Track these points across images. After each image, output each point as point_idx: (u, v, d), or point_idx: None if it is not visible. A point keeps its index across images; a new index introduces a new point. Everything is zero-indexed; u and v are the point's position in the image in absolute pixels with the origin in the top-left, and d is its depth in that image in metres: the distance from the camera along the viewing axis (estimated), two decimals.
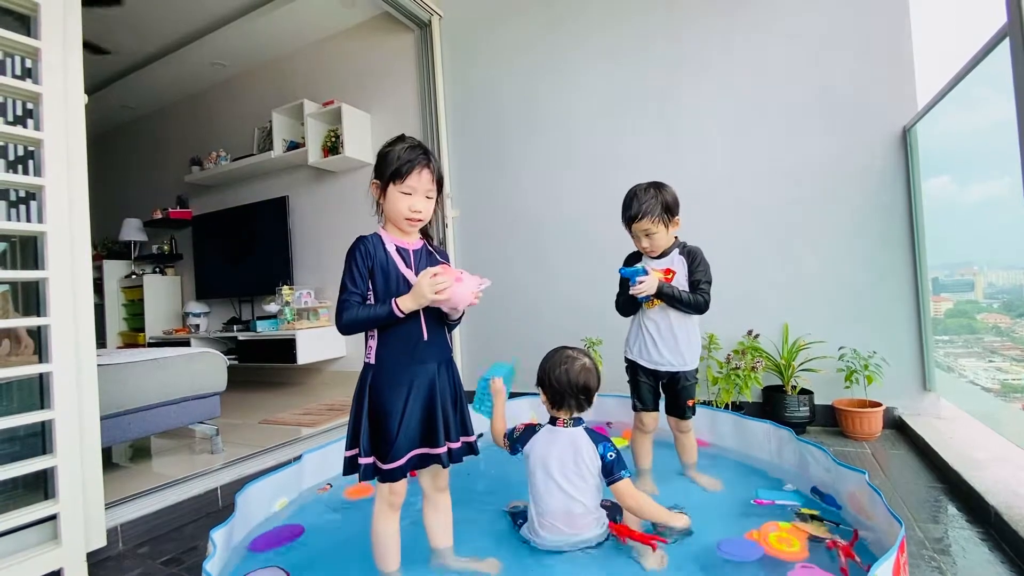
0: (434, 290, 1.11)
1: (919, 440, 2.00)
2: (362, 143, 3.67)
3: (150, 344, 4.44)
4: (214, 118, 4.68)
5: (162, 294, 4.71)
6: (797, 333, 2.43)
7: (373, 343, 1.21)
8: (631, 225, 1.67)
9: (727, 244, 2.55)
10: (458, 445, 1.22)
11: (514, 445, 1.48)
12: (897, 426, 2.26)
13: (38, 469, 1.33)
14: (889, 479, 1.75)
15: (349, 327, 1.17)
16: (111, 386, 1.86)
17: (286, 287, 3.76)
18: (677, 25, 2.71)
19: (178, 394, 2.17)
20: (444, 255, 1.31)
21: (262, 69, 4.36)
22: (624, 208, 1.67)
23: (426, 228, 1.29)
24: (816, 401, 2.33)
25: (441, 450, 1.18)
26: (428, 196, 1.22)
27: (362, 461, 1.16)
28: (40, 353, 1.38)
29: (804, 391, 2.33)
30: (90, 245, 1.45)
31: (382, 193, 1.22)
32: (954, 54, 1.78)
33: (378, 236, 1.23)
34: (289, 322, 3.68)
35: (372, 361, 1.21)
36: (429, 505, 1.30)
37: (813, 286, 2.44)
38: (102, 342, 4.61)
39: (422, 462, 1.20)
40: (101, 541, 1.44)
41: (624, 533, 1.34)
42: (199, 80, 4.56)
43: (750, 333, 2.46)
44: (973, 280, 2.19)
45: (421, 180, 1.20)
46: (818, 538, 1.29)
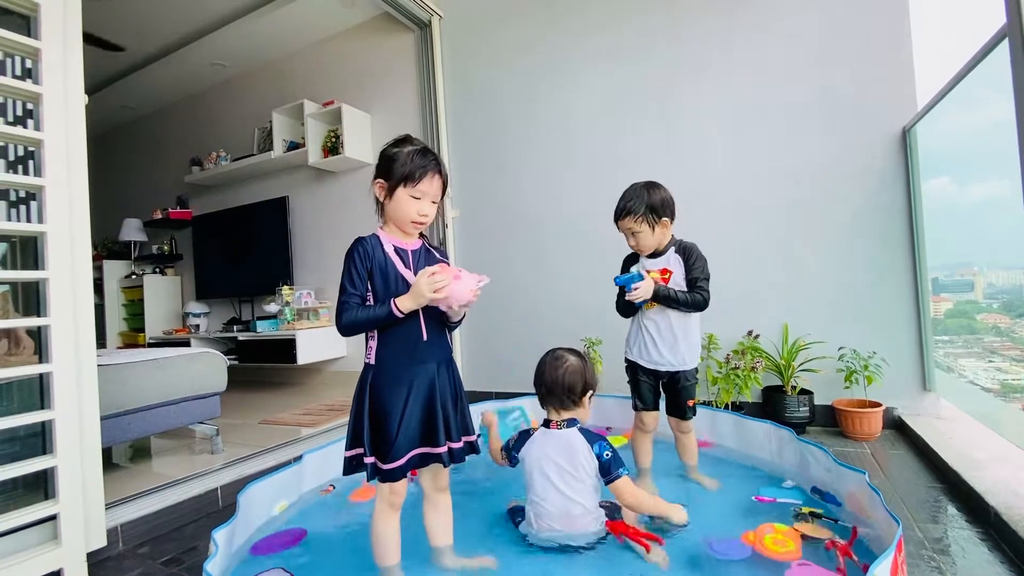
0: (432, 289, 1.11)
1: (919, 440, 2.00)
2: (362, 143, 3.68)
3: (150, 344, 4.44)
4: (214, 118, 4.68)
5: (162, 294, 4.71)
6: (797, 333, 2.43)
7: (373, 343, 1.21)
8: (616, 223, 1.69)
9: (727, 244, 2.55)
10: (459, 445, 1.22)
11: (511, 455, 1.48)
12: (897, 426, 2.26)
13: (38, 469, 1.33)
14: (889, 479, 1.75)
15: (349, 328, 1.17)
16: (111, 386, 1.86)
17: (286, 287, 3.76)
18: (677, 25, 2.71)
19: (178, 394, 2.17)
20: (443, 254, 1.31)
21: (262, 69, 4.36)
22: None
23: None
24: (816, 401, 2.33)
25: (441, 449, 1.18)
26: (434, 201, 1.23)
27: (367, 460, 1.17)
28: (40, 353, 1.38)
29: (804, 391, 2.33)
30: (90, 245, 1.45)
31: (388, 194, 1.22)
32: (954, 54, 1.78)
33: (376, 237, 1.23)
34: (289, 322, 3.68)
35: (372, 361, 1.21)
36: (429, 505, 1.30)
37: (813, 286, 2.44)
38: (102, 342, 4.61)
39: (423, 461, 1.20)
40: (101, 541, 1.44)
41: (621, 531, 1.34)
42: (199, 80, 4.56)
43: (750, 333, 2.46)
44: (973, 280, 2.19)
45: (432, 185, 1.21)
46: (815, 538, 1.29)
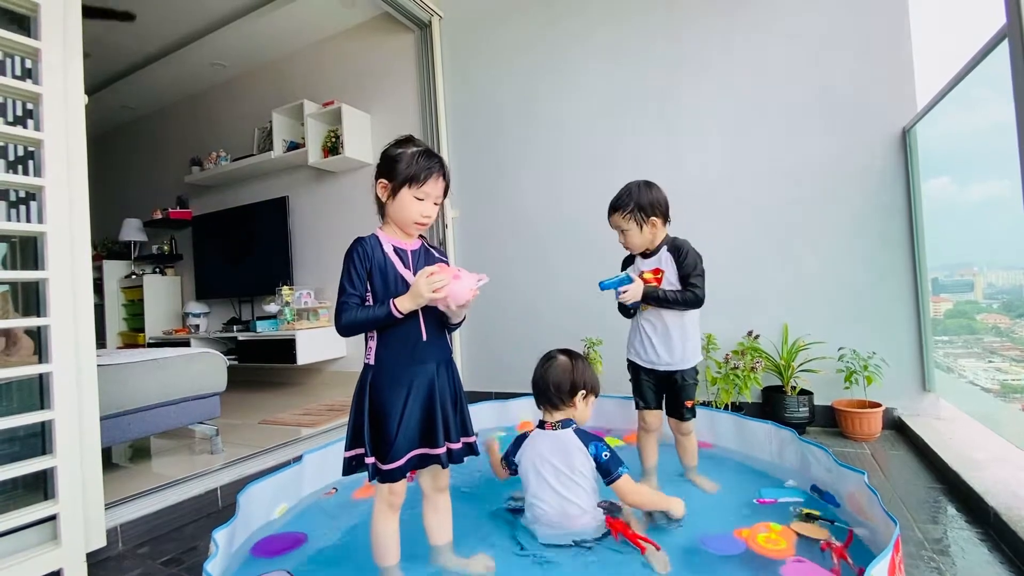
0: (431, 288, 1.11)
1: (919, 441, 2.00)
2: (362, 143, 3.68)
3: (150, 344, 4.44)
4: (214, 118, 4.68)
5: (162, 294, 4.71)
6: (797, 333, 2.43)
7: (373, 344, 1.21)
8: (608, 219, 1.71)
9: (727, 244, 2.55)
10: (458, 446, 1.22)
11: (509, 461, 1.49)
12: (897, 427, 2.26)
13: (38, 469, 1.33)
14: (888, 480, 1.75)
15: (348, 329, 1.17)
16: (111, 386, 1.86)
17: (286, 287, 3.76)
18: (677, 25, 2.71)
19: (178, 394, 2.17)
20: (442, 254, 1.31)
21: (262, 69, 4.36)
22: None
23: None
24: (816, 402, 2.33)
25: (440, 450, 1.18)
26: (436, 202, 1.24)
27: (367, 461, 1.17)
28: (40, 353, 1.38)
29: (804, 392, 2.33)
30: (90, 245, 1.45)
31: (391, 195, 1.22)
32: (954, 55, 1.78)
33: (376, 237, 1.23)
34: (289, 322, 3.68)
35: (371, 362, 1.21)
36: (429, 505, 1.30)
37: (813, 286, 2.44)
38: (102, 342, 4.62)
39: (422, 462, 1.20)
40: (101, 541, 1.44)
41: (620, 531, 1.34)
42: (199, 80, 4.56)
43: (750, 334, 2.46)
44: (973, 280, 2.19)
45: (436, 187, 1.22)
46: (811, 538, 1.29)
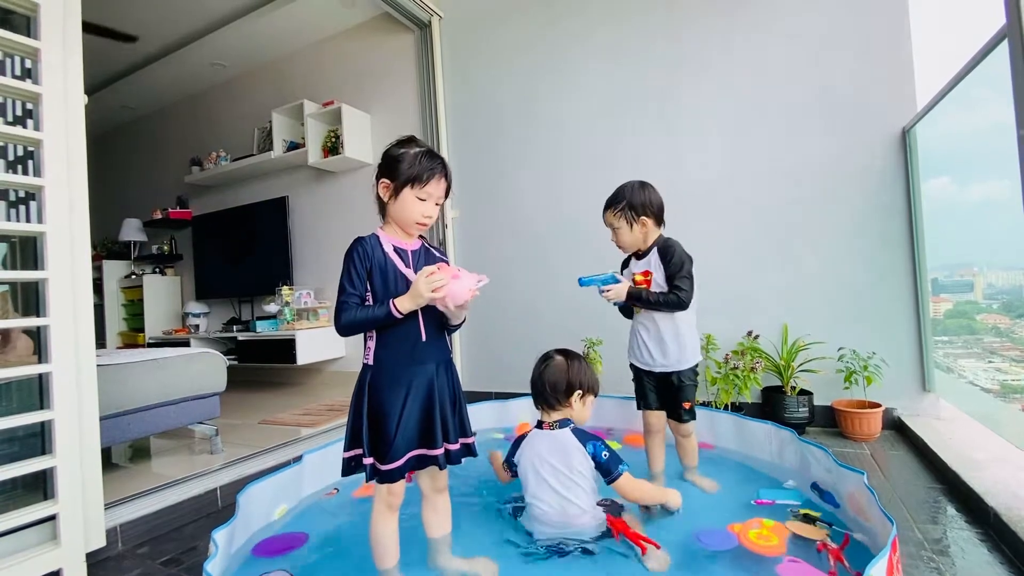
0: (431, 288, 1.11)
1: (918, 441, 2.00)
2: (362, 143, 3.68)
3: (150, 344, 4.44)
4: (214, 118, 4.68)
5: (162, 294, 4.71)
6: (797, 334, 2.43)
7: (372, 344, 1.21)
8: (602, 217, 1.72)
9: (727, 244, 2.55)
10: (456, 447, 1.22)
11: (510, 463, 1.49)
12: (896, 427, 2.26)
13: (38, 469, 1.33)
14: (888, 480, 1.75)
15: (348, 329, 1.17)
16: (111, 386, 1.86)
17: (286, 287, 3.76)
18: (677, 25, 2.71)
19: (178, 394, 2.17)
20: (442, 254, 1.31)
21: (262, 69, 4.36)
22: None
23: None
24: (815, 402, 2.33)
25: (438, 451, 1.18)
26: (438, 203, 1.24)
27: (366, 461, 1.16)
28: (40, 353, 1.38)
29: (803, 392, 2.33)
30: (90, 245, 1.45)
31: (393, 195, 1.22)
32: (953, 55, 1.78)
33: (376, 237, 1.23)
34: (289, 322, 3.68)
35: (371, 362, 1.21)
36: (428, 506, 1.30)
37: (813, 286, 2.44)
38: (102, 342, 4.62)
39: (420, 463, 1.20)
40: (100, 541, 1.44)
41: (620, 530, 1.34)
42: (199, 80, 4.56)
43: (749, 334, 2.46)
44: (972, 281, 2.19)
45: (438, 188, 1.22)
46: (807, 539, 1.29)
